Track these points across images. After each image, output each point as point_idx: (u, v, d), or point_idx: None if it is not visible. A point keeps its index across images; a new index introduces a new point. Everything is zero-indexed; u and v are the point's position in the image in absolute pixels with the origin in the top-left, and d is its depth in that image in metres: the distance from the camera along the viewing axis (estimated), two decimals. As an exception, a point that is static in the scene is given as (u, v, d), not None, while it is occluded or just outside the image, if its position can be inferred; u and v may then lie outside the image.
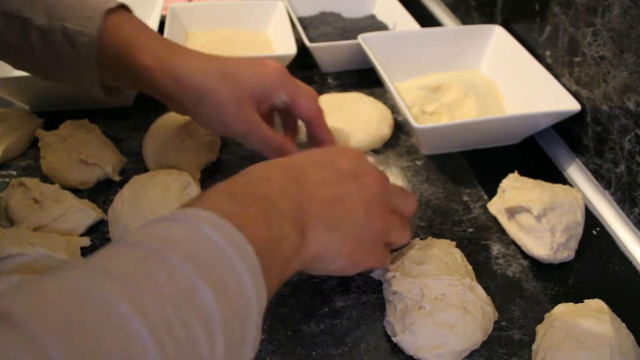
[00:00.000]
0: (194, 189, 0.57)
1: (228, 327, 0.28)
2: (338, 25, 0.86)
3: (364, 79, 0.81)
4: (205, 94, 0.48)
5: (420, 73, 0.77)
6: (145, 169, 0.63)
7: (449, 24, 0.96)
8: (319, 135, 0.56)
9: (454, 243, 0.54)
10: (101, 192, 0.61)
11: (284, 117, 0.59)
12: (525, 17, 0.75)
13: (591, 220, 0.60)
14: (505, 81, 0.75)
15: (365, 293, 0.52)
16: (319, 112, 0.55)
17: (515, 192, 0.57)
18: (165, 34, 0.76)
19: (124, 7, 0.51)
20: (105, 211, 0.57)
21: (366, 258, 0.44)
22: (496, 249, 0.57)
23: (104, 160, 0.61)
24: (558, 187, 0.58)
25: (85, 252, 0.53)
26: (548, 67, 0.70)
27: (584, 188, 0.64)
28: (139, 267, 0.27)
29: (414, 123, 0.61)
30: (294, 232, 0.37)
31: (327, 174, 0.42)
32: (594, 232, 0.59)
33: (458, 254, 0.52)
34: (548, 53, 0.71)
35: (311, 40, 0.79)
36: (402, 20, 0.85)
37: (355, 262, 0.44)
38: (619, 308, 0.49)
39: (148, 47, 0.48)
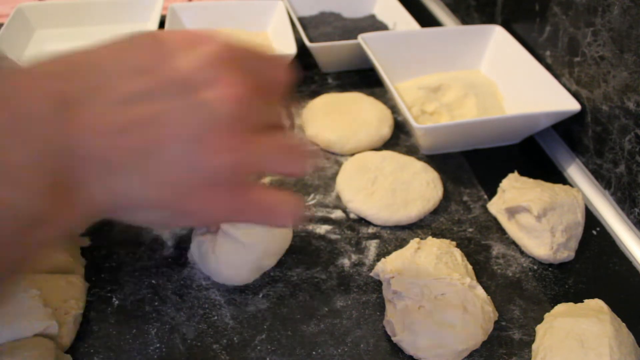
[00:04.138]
0: None
1: None
2: (338, 25, 0.86)
3: (364, 79, 0.81)
4: None
5: (420, 73, 0.77)
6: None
7: (449, 24, 0.96)
8: None
9: (454, 243, 0.54)
10: (101, 192, 0.61)
11: None
12: (525, 17, 0.75)
13: (591, 220, 0.60)
14: (505, 81, 0.75)
15: (365, 293, 0.52)
16: None
17: (515, 192, 0.57)
18: (165, 34, 0.76)
19: None
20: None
21: (207, 205, 0.29)
22: (496, 249, 0.57)
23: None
24: (558, 187, 0.58)
25: (85, 252, 0.53)
26: (548, 67, 0.70)
27: (584, 188, 0.64)
28: None
29: (414, 123, 0.61)
30: (30, 196, 0.24)
31: (139, 83, 0.27)
32: (594, 232, 0.59)
33: (458, 253, 0.52)
34: (548, 53, 0.71)
35: (311, 40, 0.79)
36: (402, 20, 0.85)
37: (185, 212, 0.29)
38: (619, 308, 0.49)
39: None
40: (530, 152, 0.70)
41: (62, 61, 0.27)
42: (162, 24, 0.80)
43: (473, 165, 0.67)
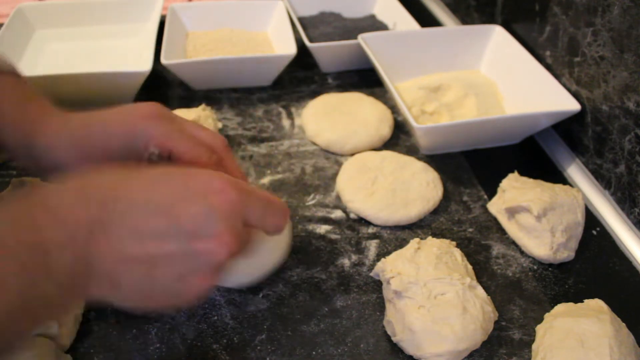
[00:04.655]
0: None
1: None
2: (338, 25, 0.86)
3: (364, 79, 0.81)
4: (60, 170, 0.43)
5: (420, 73, 0.77)
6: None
7: (449, 24, 0.96)
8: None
9: (454, 243, 0.54)
10: (101, 192, 0.61)
11: None
12: (525, 17, 0.75)
13: (591, 220, 0.60)
14: (505, 81, 0.75)
15: (365, 293, 0.52)
16: (206, 153, 0.43)
17: (515, 192, 0.57)
18: (165, 34, 0.76)
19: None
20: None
21: (167, 304, 0.37)
22: (496, 249, 0.57)
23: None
24: (558, 187, 0.58)
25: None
26: (548, 67, 0.70)
27: (584, 188, 0.64)
28: None
29: (414, 123, 0.61)
30: (60, 292, 0.32)
31: (151, 223, 0.33)
32: (594, 232, 0.59)
33: (458, 253, 0.52)
34: (548, 53, 0.71)
35: (311, 40, 0.79)
36: (402, 20, 0.85)
37: (148, 308, 0.39)
38: (619, 308, 0.49)
39: (10, 118, 0.44)
40: (530, 152, 0.70)
41: (103, 186, 0.34)
42: (162, 24, 0.80)
43: (473, 165, 0.67)
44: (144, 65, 0.71)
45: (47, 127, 0.44)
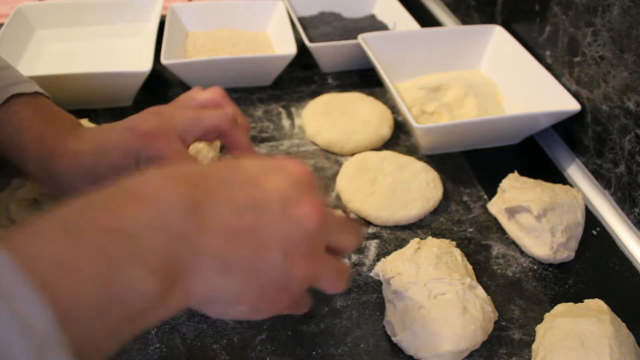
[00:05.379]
0: None
1: None
2: (338, 25, 0.86)
3: (364, 79, 0.81)
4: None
5: (420, 73, 0.77)
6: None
7: (449, 24, 0.96)
8: (234, 146, 0.47)
9: (454, 243, 0.54)
10: (101, 192, 0.61)
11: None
12: (525, 17, 0.75)
13: (591, 220, 0.60)
14: (505, 81, 0.75)
15: (365, 293, 0.52)
16: (229, 120, 0.46)
17: (515, 192, 0.57)
18: (165, 34, 0.76)
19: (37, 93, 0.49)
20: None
21: (277, 306, 0.35)
22: (496, 249, 0.57)
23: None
24: (558, 187, 0.58)
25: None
26: (548, 67, 0.70)
27: (584, 188, 0.64)
28: None
29: (414, 123, 0.61)
30: (153, 279, 0.28)
31: (244, 195, 0.32)
32: (594, 232, 0.59)
33: (458, 253, 0.52)
34: (548, 53, 0.71)
35: (311, 40, 0.79)
36: (402, 20, 0.85)
37: (261, 309, 0.34)
38: (619, 308, 0.49)
39: (32, 144, 0.46)
40: (530, 152, 0.70)
41: (188, 171, 0.33)
42: (162, 24, 0.80)
43: (473, 165, 0.67)
44: (144, 65, 0.71)
45: (61, 153, 0.45)
